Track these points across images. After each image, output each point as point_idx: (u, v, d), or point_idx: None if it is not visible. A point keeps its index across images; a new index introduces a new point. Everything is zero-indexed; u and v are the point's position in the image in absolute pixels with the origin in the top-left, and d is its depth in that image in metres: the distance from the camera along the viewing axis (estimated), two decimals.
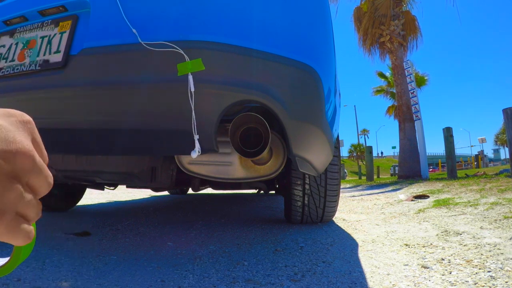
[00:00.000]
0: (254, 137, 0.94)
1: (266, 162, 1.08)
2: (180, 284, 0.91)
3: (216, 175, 1.08)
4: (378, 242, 1.44)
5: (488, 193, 2.59)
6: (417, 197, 3.07)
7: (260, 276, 0.99)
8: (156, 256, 1.20)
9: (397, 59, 8.90)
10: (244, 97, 0.83)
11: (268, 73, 0.84)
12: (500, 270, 0.94)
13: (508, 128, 4.70)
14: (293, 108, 0.87)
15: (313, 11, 0.96)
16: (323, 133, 0.99)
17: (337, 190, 1.67)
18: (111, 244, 1.38)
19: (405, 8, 9.29)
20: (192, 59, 0.77)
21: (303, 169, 1.12)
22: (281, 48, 0.85)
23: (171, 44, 0.77)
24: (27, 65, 0.92)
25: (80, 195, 2.48)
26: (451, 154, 6.25)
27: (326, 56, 0.99)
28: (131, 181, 1.70)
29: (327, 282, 0.93)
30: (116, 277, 0.96)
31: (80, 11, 0.91)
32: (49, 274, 0.96)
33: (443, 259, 1.11)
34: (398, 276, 0.97)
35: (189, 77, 0.77)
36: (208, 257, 1.20)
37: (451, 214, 1.96)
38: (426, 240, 1.40)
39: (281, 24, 0.88)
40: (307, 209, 1.71)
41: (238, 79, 0.82)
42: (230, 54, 0.80)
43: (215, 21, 0.82)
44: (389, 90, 15.97)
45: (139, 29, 0.80)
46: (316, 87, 0.91)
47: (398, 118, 9.26)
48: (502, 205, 1.97)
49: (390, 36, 8.86)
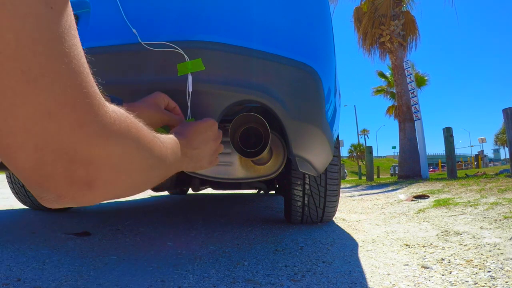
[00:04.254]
0: (254, 137, 0.94)
1: (266, 162, 1.07)
2: (180, 284, 0.91)
3: (216, 175, 1.08)
4: (378, 242, 1.44)
5: (488, 193, 2.59)
6: (417, 197, 3.07)
7: (260, 276, 0.99)
8: (156, 256, 1.20)
9: (397, 59, 8.90)
10: (244, 97, 0.83)
11: (268, 73, 0.84)
12: (500, 270, 0.94)
13: (508, 128, 4.70)
14: (293, 108, 0.88)
15: (313, 11, 0.96)
16: (323, 133, 0.99)
17: (337, 190, 1.67)
18: (111, 244, 1.38)
19: (404, 8, 9.29)
20: (192, 59, 0.77)
21: (303, 169, 1.12)
22: (281, 48, 0.85)
23: (171, 44, 0.77)
24: None
25: None
26: (451, 154, 6.25)
27: (326, 56, 0.99)
28: None
29: (327, 282, 0.93)
30: (116, 277, 0.96)
31: (80, 11, 0.91)
32: (49, 274, 0.96)
33: (443, 259, 1.11)
34: (398, 276, 0.97)
35: (188, 77, 0.77)
36: (208, 257, 1.20)
37: (451, 214, 1.96)
38: (426, 240, 1.40)
39: (281, 24, 0.88)
40: (307, 209, 1.71)
41: (238, 79, 0.82)
42: (230, 54, 0.80)
43: (215, 21, 0.82)
44: (389, 90, 15.98)
45: (139, 29, 0.80)
46: (316, 87, 0.91)
47: (398, 118, 9.27)
48: (502, 205, 1.97)
49: (390, 36, 8.86)
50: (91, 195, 0.31)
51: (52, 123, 0.25)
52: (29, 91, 0.24)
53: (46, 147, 0.26)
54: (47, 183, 0.28)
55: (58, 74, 0.25)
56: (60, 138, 0.26)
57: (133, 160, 0.34)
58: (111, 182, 0.32)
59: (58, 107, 0.25)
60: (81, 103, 0.27)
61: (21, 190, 2.15)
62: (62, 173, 0.28)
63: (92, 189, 0.30)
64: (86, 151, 0.28)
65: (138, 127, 0.35)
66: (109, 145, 0.30)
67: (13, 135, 0.24)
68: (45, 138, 0.25)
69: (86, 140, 0.28)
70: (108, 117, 0.30)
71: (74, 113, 0.26)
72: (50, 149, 0.26)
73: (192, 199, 3.81)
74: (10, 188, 2.21)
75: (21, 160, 0.26)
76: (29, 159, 0.26)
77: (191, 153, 0.59)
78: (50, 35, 0.24)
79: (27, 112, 0.24)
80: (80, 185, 0.29)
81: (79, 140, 0.27)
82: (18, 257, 1.12)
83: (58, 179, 0.28)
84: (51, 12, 0.24)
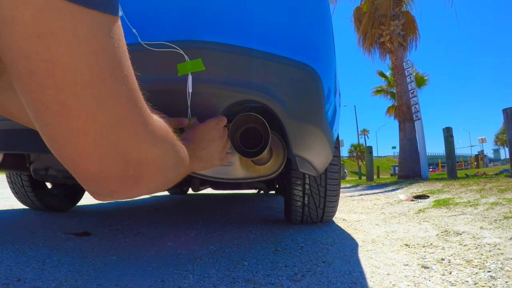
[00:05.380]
0: (254, 137, 0.94)
1: (266, 162, 1.07)
2: (180, 284, 0.91)
3: (216, 175, 1.08)
4: (378, 242, 1.44)
5: (488, 193, 2.60)
6: (417, 197, 3.07)
7: (260, 276, 0.99)
8: (156, 256, 1.20)
9: (397, 59, 8.90)
10: (244, 97, 0.83)
11: (268, 73, 0.84)
12: (500, 270, 0.94)
13: (508, 128, 4.70)
14: (293, 108, 0.88)
15: (313, 11, 0.96)
16: (323, 133, 0.99)
17: (337, 190, 1.67)
18: (111, 244, 1.38)
19: (404, 8, 9.30)
20: (192, 59, 0.77)
21: (303, 169, 1.12)
22: (281, 48, 0.85)
23: (171, 44, 0.77)
24: None
25: (80, 195, 2.48)
26: (451, 154, 6.25)
27: (326, 56, 0.99)
28: None
29: (327, 282, 0.93)
30: (116, 277, 0.96)
31: None
32: (49, 274, 0.96)
33: (443, 259, 1.11)
34: (398, 276, 0.97)
35: (188, 77, 0.77)
36: (208, 257, 1.20)
37: (451, 214, 1.96)
38: (426, 240, 1.40)
39: (281, 24, 0.88)
40: (307, 209, 1.71)
41: (238, 79, 0.82)
42: (230, 54, 0.80)
43: (215, 21, 0.82)
44: (389, 90, 15.99)
45: (139, 29, 0.80)
46: (316, 87, 0.91)
47: (398, 118, 9.27)
48: (502, 205, 1.97)
49: (390, 36, 8.86)
50: (137, 189, 0.37)
51: (115, 135, 0.30)
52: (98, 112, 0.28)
53: (109, 154, 0.31)
54: (105, 182, 0.33)
55: (120, 95, 0.29)
56: (120, 146, 0.31)
57: (169, 160, 0.41)
58: (152, 179, 0.38)
59: (120, 121, 0.30)
60: (137, 116, 0.32)
61: (21, 190, 2.15)
62: (118, 173, 0.33)
63: (138, 184, 0.36)
64: (138, 154, 0.34)
65: (171, 132, 0.42)
66: (155, 148, 0.36)
67: (83, 148, 0.29)
68: (108, 147, 0.30)
69: (139, 146, 0.33)
70: (154, 125, 0.36)
71: (131, 125, 0.32)
72: (111, 155, 0.31)
73: (192, 199, 3.81)
74: (10, 188, 2.21)
75: (87, 166, 0.31)
76: (94, 165, 0.31)
77: (200, 154, 0.64)
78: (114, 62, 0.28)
79: (96, 128, 0.28)
80: (130, 182, 0.35)
81: (134, 146, 0.33)
82: (18, 257, 1.12)
83: (114, 178, 0.33)
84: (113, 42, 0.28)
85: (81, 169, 0.31)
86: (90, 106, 0.27)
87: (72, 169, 0.32)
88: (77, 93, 0.26)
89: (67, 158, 0.30)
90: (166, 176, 0.43)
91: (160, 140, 0.37)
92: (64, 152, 0.30)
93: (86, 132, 0.28)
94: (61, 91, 0.26)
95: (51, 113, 0.26)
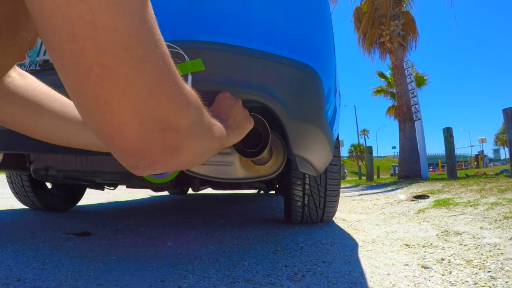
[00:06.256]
0: (254, 137, 0.94)
1: (266, 162, 1.07)
2: (180, 284, 0.91)
3: (216, 175, 1.08)
4: (378, 242, 1.44)
5: (488, 193, 2.60)
6: (417, 197, 3.07)
7: (260, 276, 0.99)
8: (156, 256, 1.20)
9: (397, 59, 8.90)
10: (244, 97, 0.83)
11: (268, 73, 0.84)
12: (500, 270, 0.94)
13: (508, 128, 4.71)
14: (293, 108, 0.88)
15: (313, 11, 0.96)
16: (323, 133, 0.99)
17: (337, 190, 1.67)
18: (111, 244, 1.38)
19: (404, 9, 9.30)
20: (192, 59, 0.77)
21: (303, 169, 1.12)
22: (281, 48, 0.85)
23: (171, 44, 0.77)
24: (27, 65, 0.92)
25: (80, 195, 2.48)
26: (451, 154, 6.26)
27: (326, 56, 0.99)
28: (131, 181, 1.70)
29: (327, 282, 0.93)
30: (116, 277, 0.96)
31: None
32: (49, 274, 0.96)
33: (443, 259, 1.11)
34: (398, 276, 0.97)
35: (188, 77, 0.77)
36: (208, 257, 1.20)
37: (451, 214, 1.96)
38: (426, 240, 1.40)
39: (281, 24, 0.88)
40: (307, 209, 1.71)
41: (238, 79, 0.82)
42: (230, 54, 0.80)
43: (215, 21, 0.82)
44: (389, 90, 15.99)
45: None
46: (316, 87, 0.91)
47: (398, 118, 9.27)
48: (502, 205, 1.97)
49: (390, 36, 8.86)
50: (178, 160, 0.37)
51: (153, 99, 0.30)
52: (137, 74, 0.28)
53: (148, 119, 0.31)
54: (145, 152, 0.33)
55: (156, 58, 0.30)
56: (158, 111, 0.31)
57: (201, 128, 0.41)
58: (191, 148, 0.38)
59: (157, 84, 0.30)
60: (172, 80, 0.32)
61: (21, 190, 2.14)
62: (158, 141, 0.33)
63: (179, 154, 0.36)
64: (175, 120, 0.33)
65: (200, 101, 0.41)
66: (189, 113, 0.36)
67: (123, 113, 0.29)
68: (147, 112, 0.30)
69: (176, 110, 0.33)
70: (187, 90, 0.36)
71: (168, 89, 0.31)
72: (151, 121, 0.31)
73: (192, 199, 3.81)
74: (10, 188, 2.21)
75: (127, 134, 0.30)
76: (134, 132, 0.30)
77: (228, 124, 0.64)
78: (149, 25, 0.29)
79: (135, 92, 0.29)
80: (171, 151, 0.35)
81: (171, 111, 0.32)
82: (18, 257, 1.12)
83: (155, 147, 0.33)
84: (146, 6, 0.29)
85: (122, 139, 0.31)
86: (130, 68, 0.28)
87: (111, 141, 0.31)
88: (117, 55, 0.27)
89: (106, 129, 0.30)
90: (201, 146, 0.42)
91: (192, 105, 0.37)
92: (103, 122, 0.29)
93: (127, 95, 0.28)
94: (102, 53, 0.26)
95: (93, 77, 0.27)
